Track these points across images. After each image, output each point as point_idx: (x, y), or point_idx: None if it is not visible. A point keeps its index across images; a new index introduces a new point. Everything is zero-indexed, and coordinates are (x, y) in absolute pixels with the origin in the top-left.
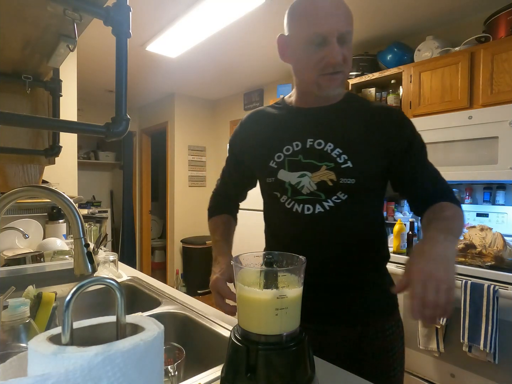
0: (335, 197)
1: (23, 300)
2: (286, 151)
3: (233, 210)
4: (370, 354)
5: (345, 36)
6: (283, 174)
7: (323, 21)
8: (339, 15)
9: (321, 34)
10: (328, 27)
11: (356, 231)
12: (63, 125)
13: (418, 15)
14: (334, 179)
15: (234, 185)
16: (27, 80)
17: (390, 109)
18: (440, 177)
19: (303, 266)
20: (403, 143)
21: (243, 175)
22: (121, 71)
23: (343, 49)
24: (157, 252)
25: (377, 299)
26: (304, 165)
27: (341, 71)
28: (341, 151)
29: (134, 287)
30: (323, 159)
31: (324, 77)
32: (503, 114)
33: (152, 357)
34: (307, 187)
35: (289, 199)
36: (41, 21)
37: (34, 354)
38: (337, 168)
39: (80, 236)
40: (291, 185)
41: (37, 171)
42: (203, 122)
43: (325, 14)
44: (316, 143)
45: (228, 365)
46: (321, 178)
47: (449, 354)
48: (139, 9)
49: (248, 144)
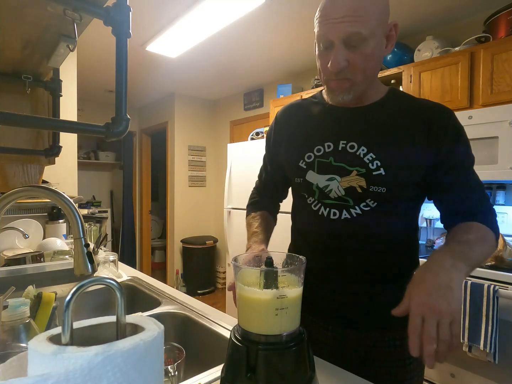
0: (364, 204)
1: (23, 300)
2: (317, 151)
3: (273, 209)
4: (385, 361)
5: (352, 39)
6: (312, 176)
7: (329, 23)
8: (348, 16)
9: (326, 36)
10: (331, 30)
11: (383, 239)
12: (63, 125)
13: (418, 15)
14: (364, 186)
15: (273, 184)
16: (27, 80)
17: (435, 106)
18: (481, 193)
19: (303, 266)
20: (447, 148)
21: (280, 173)
22: (121, 71)
23: (352, 54)
24: (157, 252)
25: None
26: (334, 168)
27: (347, 78)
28: (374, 156)
29: (134, 287)
30: (354, 164)
31: (331, 81)
32: (503, 114)
33: (152, 357)
34: (335, 191)
35: (315, 201)
36: (41, 21)
37: (34, 354)
38: (368, 175)
39: (80, 236)
40: (319, 187)
41: (37, 171)
42: (203, 122)
43: (332, 16)
44: (349, 145)
45: (228, 365)
46: (350, 183)
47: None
48: (139, 9)
49: (281, 141)
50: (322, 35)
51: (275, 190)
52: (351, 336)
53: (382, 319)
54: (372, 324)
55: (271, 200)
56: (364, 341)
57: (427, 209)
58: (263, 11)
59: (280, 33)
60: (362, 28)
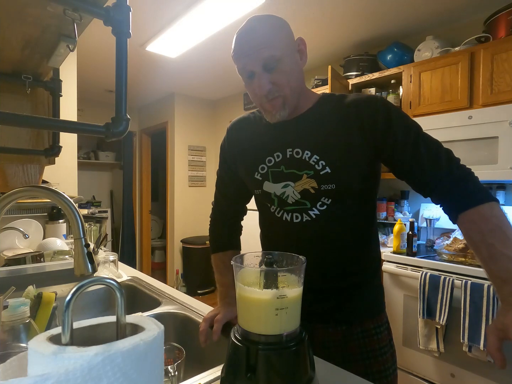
0: (320, 203)
1: (23, 300)
2: (269, 162)
3: (237, 239)
4: (359, 354)
5: (269, 63)
6: (268, 186)
7: (243, 56)
8: (259, 45)
9: (246, 68)
10: (248, 61)
11: (344, 234)
12: (63, 125)
13: (418, 15)
14: (316, 186)
15: (231, 203)
16: (27, 80)
17: (360, 100)
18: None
19: (303, 266)
20: (385, 137)
21: (239, 186)
22: (121, 71)
23: (273, 75)
24: (157, 252)
25: (363, 300)
26: (286, 175)
27: (277, 96)
28: (318, 157)
29: (134, 287)
30: (303, 168)
31: (265, 104)
32: (503, 114)
33: (152, 357)
34: (292, 196)
35: (277, 208)
36: (41, 21)
37: (34, 354)
38: (317, 175)
39: (80, 236)
40: (277, 195)
41: (37, 171)
42: (203, 122)
43: (244, 50)
44: (294, 152)
45: (228, 365)
46: (303, 186)
47: (449, 354)
48: (139, 9)
49: (236, 153)
50: (242, 68)
51: (236, 208)
52: (321, 330)
53: (350, 312)
54: (340, 318)
55: (234, 224)
56: (333, 337)
57: (427, 209)
58: (263, 11)
59: None
60: (273, 51)
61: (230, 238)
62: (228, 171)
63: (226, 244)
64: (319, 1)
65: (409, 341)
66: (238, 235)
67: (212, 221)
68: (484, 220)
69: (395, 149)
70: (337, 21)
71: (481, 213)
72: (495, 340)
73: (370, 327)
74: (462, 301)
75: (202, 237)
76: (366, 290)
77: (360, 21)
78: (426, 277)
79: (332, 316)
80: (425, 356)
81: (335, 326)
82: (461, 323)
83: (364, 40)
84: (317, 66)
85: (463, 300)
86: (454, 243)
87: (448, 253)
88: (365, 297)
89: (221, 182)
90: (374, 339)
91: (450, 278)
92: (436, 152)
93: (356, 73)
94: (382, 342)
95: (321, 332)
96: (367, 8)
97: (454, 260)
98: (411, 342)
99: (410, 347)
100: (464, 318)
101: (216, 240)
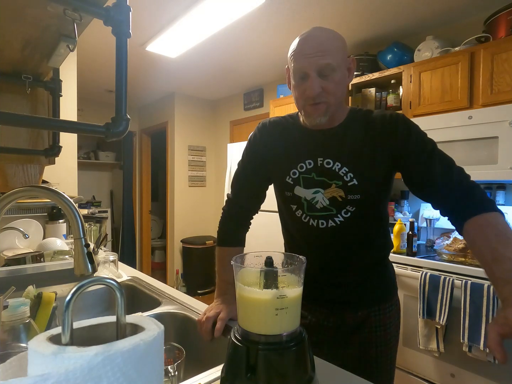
0: (345, 210)
1: (23, 300)
2: (300, 168)
3: (243, 236)
4: (368, 328)
5: (324, 70)
6: (299, 190)
7: (304, 58)
8: (321, 51)
9: (302, 69)
10: (307, 63)
11: (364, 234)
12: (63, 125)
13: (418, 15)
14: (343, 196)
15: (252, 198)
16: (27, 80)
17: (384, 116)
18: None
19: (303, 266)
20: (403, 148)
21: (260, 185)
22: (121, 71)
23: (324, 81)
24: (157, 252)
25: (378, 288)
26: (317, 182)
27: (322, 101)
28: (347, 169)
29: (134, 287)
30: (333, 178)
31: (308, 106)
32: (503, 114)
33: (152, 357)
34: (321, 202)
35: (304, 214)
36: (41, 21)
37: (34, 354)
38: (345, 186)
39: (80, 236)
40: (307, 200)
41: (37, 171)
42: (203, 122)
43: (306, 52)
44: (325, 162)
45: (228, 365)
46: (332, 194)
47: (449, 354)
48: (139, 9)
49: (267, 155)
50: (299, 68)
51: (250, 206)
52: (349, 314)
53: (368, 298)
54: (357, 305)
55: (244, 223)
56: (357, 319)
57: (427, 209)
58: (263, 11)
59: (280, 33)
60: (331, 60)
61: (238, 234)
62: (253, 167)
63: (234, 239)
64: (319, 1)
65: (409, 341)
66: (246, 232)
67: (225, 212)
68: (489, 225)
69: (411, 157)
70: (337, 21)
71: (487, 219)
72: (495, 335)
73: (384, 306)
74: (462, 301)
75: (202, 237)
76: (381, 279)
77: (360, 21)
78: (426, 277)
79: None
80: (425, 356)
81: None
82: (461, 323)
83: (364, 40)
84: None
85: (463, 300)
86: (454, 243)
87: (448, 253)
88: (378, 286)
89: (243, 175)
90: (386, 316)
91: (450, 278)
92: (449, 164)
93: (356, 73)
94: (391, 318)
95: (349, 315)
96: (367, 8)
97: (454, 260)
98: (411, 342)
99: (410, 347)
100: (464, 318)
101: (225, 233)
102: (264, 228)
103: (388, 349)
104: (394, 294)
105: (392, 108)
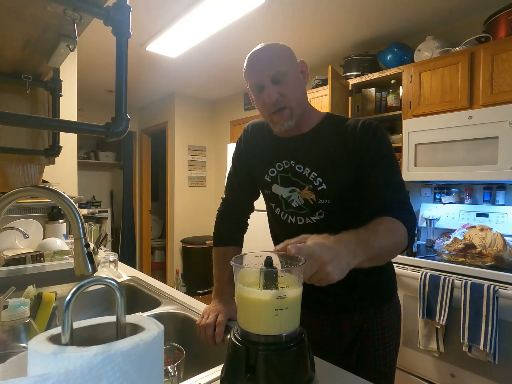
0: (318, 212)
1: (23, 300)
2: (278, 167)
3: (241, 236)
4: (365, 331)
5: (276, 77)
6: (276, 188)
7: (255, 73)
8: (268, 62)
9: (257, 82)
10: (259, 76)
11: None
12: (63, 125)
13: (418, 15)
14: (314, 199)
15: (245, 196)
16: (27, 80)
17: (356, 124)
18: (399, 190)
19: (303, 266)
20: (364, 157)
21: (250, 184)
22: (121, 71)
23: (280, 87)
24: (157, 252)
25: (374, 290)
26: (293, 182)
27: (284, 106)
28: (316, 174)
29: (134, 287)
30: (305, 181)
31: (273, 115)
32: (503, 114)
33: (152, 357)
34: (296, 201)
35: (282, 211)
36: (41, 21)
37: (34, 354)
38: (315, 190)
39: (81, 236)
40: (283, 198)
41: (37, 171)
42: (203, 122)
43: (256, 67)
44: (297, 167)
45: (228, 365)
46: (305, 196)
47: (449, 354)
48: (139, 9)
49: (251, 153)
50: (254, 83)
51: (246, 204)
52: (344, 318)
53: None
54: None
55: (241, 221)
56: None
57: (427, 209)
58: (263, 11)
59: (280, 33)
60: (280, 67)
61: (234, 234)
62: (242, 167)
63: (229, 239)
64: (319, 1)
65: (409, 341)
66: (243, 233)
67: (220, 213)
68: (390, 223)
69: (366, 168)
70: (337, 21)
71: (393, 221)
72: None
73: (383, 309)
74: (462, 301)
75: (202, 237)
76: (375, 282)
77: (360, 21)
78: (426, 277)
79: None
80: (425, 356)
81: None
82: (461, 323)
83: (364, 40)
84: (317, 66)
85: (463, 300)
86: (454, 243)
87: (448, 253)
88: (373, 288)
89: (235, 176)
90: (385, 319)
91: (450, 278)
92: (398, 182)
93: (356, 73)
94: (391, 320)
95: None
96: (367, 8)
97: (454, 260)
98: (411, 342)
99: (410, 347)
100: (464, 318)
101: (220, 234)
102: (264, 229)
103: (386, 353)
104: (392, 296)
105: (392, 108)
